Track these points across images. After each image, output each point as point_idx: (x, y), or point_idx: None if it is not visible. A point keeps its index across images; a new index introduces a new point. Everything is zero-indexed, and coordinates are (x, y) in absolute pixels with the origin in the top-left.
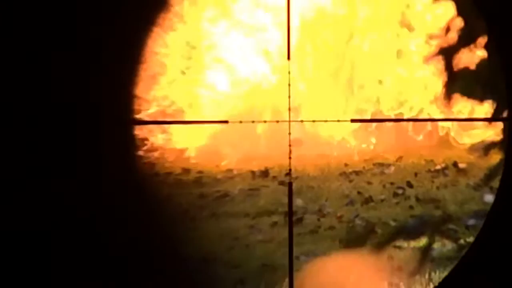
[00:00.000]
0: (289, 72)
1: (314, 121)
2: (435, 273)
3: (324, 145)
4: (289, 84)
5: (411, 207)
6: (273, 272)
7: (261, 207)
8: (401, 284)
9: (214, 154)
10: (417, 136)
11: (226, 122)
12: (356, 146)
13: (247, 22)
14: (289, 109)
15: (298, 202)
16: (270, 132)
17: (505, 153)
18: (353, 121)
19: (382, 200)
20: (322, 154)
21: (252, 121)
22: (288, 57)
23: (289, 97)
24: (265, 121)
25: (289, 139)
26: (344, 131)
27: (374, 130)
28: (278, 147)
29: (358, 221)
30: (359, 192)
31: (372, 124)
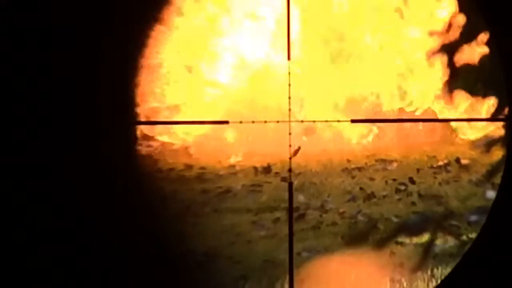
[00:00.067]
0: (289, 72)
1: (315, 121)
2: (437, 269)
3: (326, 141)
4: (289, 84)
5: (413, 203)
6: (275, 267)
7: (263, 203)
8: (403, 280)
9: (217, 150)
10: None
11: (226, 122)
12: (359, 142)
13: (248, 21)
14: (289, 109)
15: (300, 198)
16: (272, 131)
17: (507, 149)
18: (353, 121)
19: (384, 196)
20: (324, 150)
21: (253, 121)
22: (288, 57)
23: (289, 98)
24: (266, 121)
25: (289, 139)
26: (346, 127)
27: (377, 126)
28: (280, 145)
29: (360, 217)
30: (361, 188)
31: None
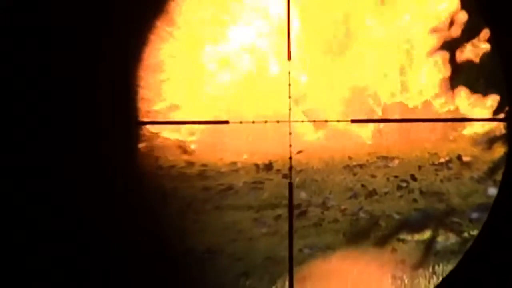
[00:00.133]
0: (289, 72)
1: (315, 121)
2: (438, 266)
3: (328, 138)
4: (289, 84)
5: (415, 200)
6: (276, 264)
7: (264, 200)
8: (404, 277)
9: (218, 148)
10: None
11: (227, 122)
12: (360, 139)
13: (247, 22)
14: (289, 109)
15: (302, 195)
16: (272, 131)
17: (508, 147)
18: (353, 121)
19: (386, 193)
20: (326, 147)
21: (253, 121)
22: (289, 57)
23: (289, 97)
24: (266, 121)
25: (289, 139)
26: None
27: (379, 124)
28: (280, 145)
29: (362, 214)
30: (363, 185)
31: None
